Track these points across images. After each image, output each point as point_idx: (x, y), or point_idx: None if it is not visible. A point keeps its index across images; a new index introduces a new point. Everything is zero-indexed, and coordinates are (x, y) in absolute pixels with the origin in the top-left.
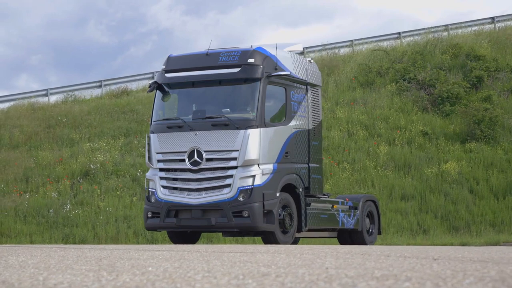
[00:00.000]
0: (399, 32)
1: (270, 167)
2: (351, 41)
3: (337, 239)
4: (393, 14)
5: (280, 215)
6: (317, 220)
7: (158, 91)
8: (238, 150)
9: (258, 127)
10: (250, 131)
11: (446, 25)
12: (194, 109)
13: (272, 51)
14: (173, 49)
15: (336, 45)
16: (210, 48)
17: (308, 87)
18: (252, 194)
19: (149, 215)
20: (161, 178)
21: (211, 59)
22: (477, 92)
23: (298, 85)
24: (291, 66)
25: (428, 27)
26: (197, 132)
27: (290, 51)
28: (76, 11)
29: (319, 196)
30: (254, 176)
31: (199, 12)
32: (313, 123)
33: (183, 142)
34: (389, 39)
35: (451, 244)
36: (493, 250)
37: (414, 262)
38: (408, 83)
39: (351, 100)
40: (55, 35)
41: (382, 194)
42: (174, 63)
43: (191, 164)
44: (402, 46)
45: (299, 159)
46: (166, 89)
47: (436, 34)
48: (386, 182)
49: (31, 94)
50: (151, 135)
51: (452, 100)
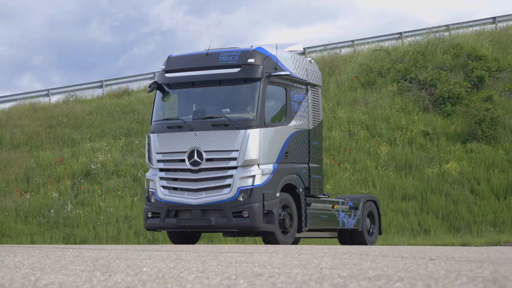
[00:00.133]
0: (400, 32)
1: (270, 167)
2: (353, 41)
3: (337, 239)
4: (396, 14)
5: (280, 215)
6: (317, 220)
7: (158, 91)
8: (238, 150)
9: (258, 127)
10: (250, 131)
11: (448, 25)
12: (194, 109)
13: (272, 51)
14: (176, 49)
15: (338, 45)
16: (210, 48)
17: (308, 87)
18: (252, 194)
19: (149, 215)
20: (161, 178)
21: (211, 59)
22: (478, 92)
23: (298, 85)
24: (291, 66)
25: (430, 27)
26: (197, 132)
27: (291, 51)
28: (78, 11)
29: (320, 196)
30: (254, 176)
31: (202, 13)
32: (313, 123)
33: (183, 142)
34: (390, 39)
35: (452, 244)
36: (492, 250)
37: (410, 262)
38: (409, 83)
39: (352, 100)
40: (57, 35)
41: (383, 194)
42: (174, 63)
43: (191, 164)
44: (403, 46)
45: (299, 159)
46: (166, 89)
47: (437, 34)
48: (387, 182)
49: (32, 94)
50: (151, 135)
51: (453, 100)
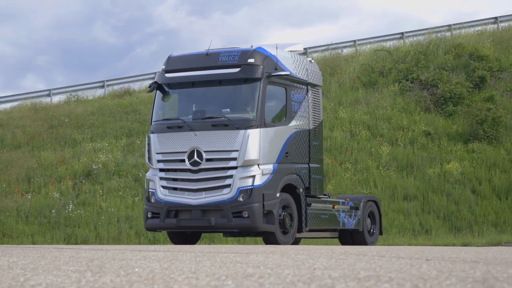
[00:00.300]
0: (402, 32)
1: (270, 167)
2: (354, 41)
3: (338, 239)
4: (398, 14)
5: (280, 215)
6: (317, 221)
7: (158, 91)
8: (238, 150)
9: (258, 127)
10: (250, 131)
11: (449, 25)
12: (194, 109)
13: (272, 51)
14: (179, 49)
15: (339, 45)
16: (210, 48)
17: (309, 87)
18: (252, 195)
19: (149, 215)
20: (161, 179)
21: (211, 59)
22: (480, 92)
23: (299, 85)
24: (292, 66)
25: (431, 27)
26: (197, 132)
27: (291, 51)
28: (82, 11)
29: (320, 196)
30: (254, 177)
31: (205, 13)
32: (313, 123)
33: (183, 142)
34: (392, 39)
35: (453, 245)
36: (491, 251)
37: (405, 263)
38: (411, 83)
39: (354, 100)
40: (62, 36)
41: (384, 194)
42: (174, 63)
43: (191, 164)
44: (405, 46)
45: (299, 159)
46: (166, 89)
47: (439, 34)
48: (388, 182)
49: (34, 95)
50: (151, 135)
51: (455, 100)
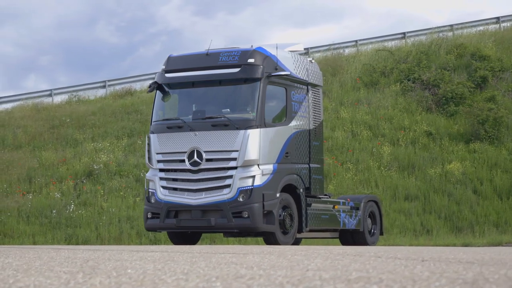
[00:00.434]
0: (404, 32)
1: (270, 167)
2: (356, 41)
3: (339, 240)
4: (402, 14)
5: (280, 215)
6: (318, 221)
7: (158, 91)
8: (238, 151)
9: (258, 127)
10: (250, 131)
11: (451, 25)
12: (194, 109)
13: (273, 51)
14: (182, 49)
15: (341, 45)
16: (210, 48)
17: (309, 87)
18: (252, 195)
19: (149, 215)
20: (161, 179)
21: (211, 59)
22: (481, 92)
23: (299, 85)
24: (292, 66)
25: (433, 27)
26: (197, 133)
27: (291, 51)
28: (85, 11)
29: (320, 196)
30: (254, 177)
31: (209, 13)
32: (314, 123)
33: (183, 142)
34: (394, 39)
35: (454, 245)
36: (490, 251)
37: (400, 264)
38: (413, 83)
39: (355, 100)
40: (64, 36)
41: (385, 194)
42: (174, 63)
43: (191, 164)
44: (406, 46)
45: (299, 159)
46: (166, 89)
47: (441, 34)
48: (389, 183)
49: (35, 95)
50: (151, 135)
51: (457, 100)
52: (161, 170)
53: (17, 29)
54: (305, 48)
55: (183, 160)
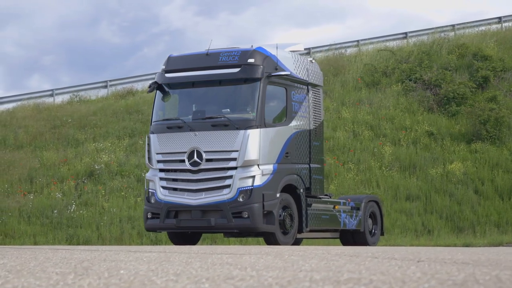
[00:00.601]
0: (405, 32)
1: (270, 167)
2: (357, 41)
3: (339, 240)
4: (405, 14)
5: (280, 215)
6: (318, 221)
7: (158, 91)
8: (238, 151)
9: (258, 127)
10: (250, 131)
11: (453, 25)
12: (194, 109)
13: (273, 51)
14: (184, 49)
15: (343, 45)
16: (210, 48)
17: (309, 87)
18: (252, 195)
19: (149, 215)
20: (161, 179)
21: (211, 59)
22: (483, 92)
23: (299, 85)
24: (292, 66)
25: (435, 27)
26: (197, 133)
27: (291, 51)
28: (88, 11)
29: (321, 196)
30: (254, 177)
31: (211, 13)
32: (314, 123)
33: (183, 142)
34: (395, 39)
35: (455, 245)
36: (489, 251)
37: (395, 264)
38: (414, 83)
39: (357, 100)
40: (67, 36)
41: (387, 194)
42: (174, 63)
43: (191, 164)
44: (408, 46)
45: (300, 159)
46: (166, 89)
47: (442, 34)
48: (391, 183)
49: (36, 95)
50: (151, 136)
51: (458, 100)
52: (161, 170)
53: (19, 29)
54: (306, 48)
55: (183, 160)
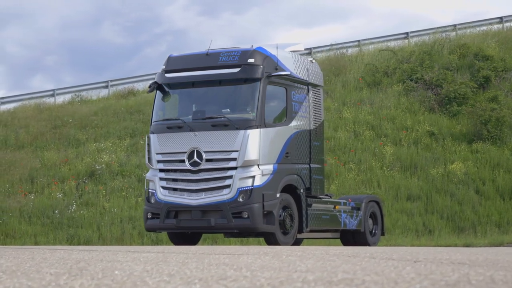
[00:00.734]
0: (406, 32)
1: (270, 167)
2: (359, 41)
3: (340, 240)
4: (407, 14)
5: (280, 216)
6: (318, 221)
7: (158, 92)
8: (237, 151)
9: (258, 128)
10: (250, 131)
11: (454, 25)
12: (194, 109)
13: (273, 51)
14: (187, 49)
15: (344, 45)
16: (211, 48)
17: (310, 87)
18: (252, 195)
19: (149, 216)
20: (160, 179)
21: (211, 59)
22: (484, 92)
23: (299, 85)
24: (292, 66)
25: (436, 27)
26: (197, 133)
27: (292, 51)
28: (90, 11)
29: (321, 196)
30: (254, 177)
31: (214, 13)
32: (314, 123)
33: (183, 142)
34: (396, 39)
35: (455, 245)
36: (488, 252)
37: (391, 265)
38: (415, 83)
39: (358, 100)
40: (70, 36)
41: (388, 194)
42: (174, 63)
43: (191, 164)
44: (409, 46)
45: (300, 159)
46: (166, 89)
47: (444, 34)
48: (392, 183)
49: (38, 95)
50: (151, 136)
51: (459, 100)
52: (161, 171)
53: (22, 29)
54: (307, 48)
55: (183, 160)
